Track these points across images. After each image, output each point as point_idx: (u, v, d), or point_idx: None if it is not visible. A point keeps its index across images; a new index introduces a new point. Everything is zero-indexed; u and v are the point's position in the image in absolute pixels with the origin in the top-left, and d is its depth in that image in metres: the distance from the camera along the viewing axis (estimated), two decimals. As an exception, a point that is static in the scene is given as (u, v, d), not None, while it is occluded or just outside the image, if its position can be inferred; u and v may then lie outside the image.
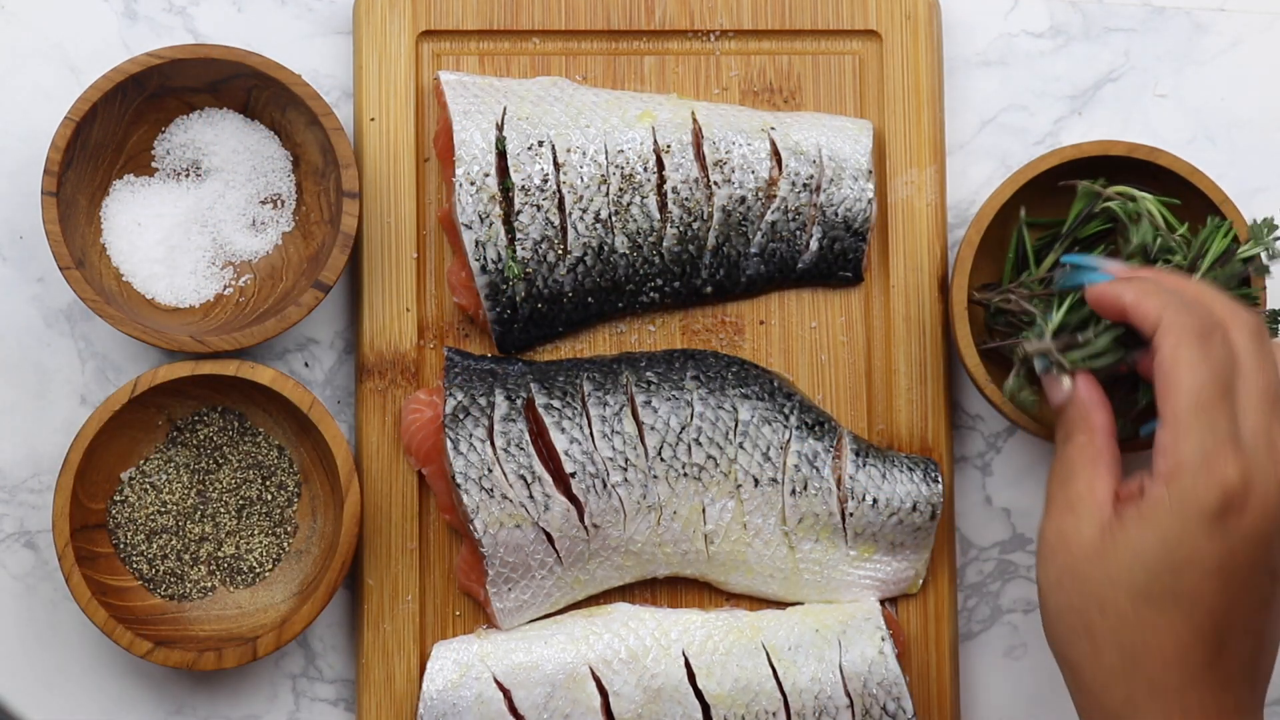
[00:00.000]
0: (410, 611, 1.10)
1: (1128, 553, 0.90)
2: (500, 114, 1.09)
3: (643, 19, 1.14)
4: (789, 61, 1.14)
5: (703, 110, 1.12)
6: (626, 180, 1.10)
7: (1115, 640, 0.91)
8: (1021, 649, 1.15)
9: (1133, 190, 1.06)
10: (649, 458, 1.08)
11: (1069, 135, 1.16)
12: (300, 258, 1.11)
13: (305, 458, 1.10)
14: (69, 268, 1.05)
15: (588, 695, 1.07)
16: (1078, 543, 0.92)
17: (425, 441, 1.09)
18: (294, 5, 1.15)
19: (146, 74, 1.07)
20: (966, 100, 1.16)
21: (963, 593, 1.15)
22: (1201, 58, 1.17)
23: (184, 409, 1.10)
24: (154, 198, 1.11)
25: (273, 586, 1.10)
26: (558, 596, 1.10)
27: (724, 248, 1.11)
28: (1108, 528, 0.91)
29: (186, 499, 1.10)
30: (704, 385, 1.09)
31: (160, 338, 1.06)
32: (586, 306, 1.11)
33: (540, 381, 1.09)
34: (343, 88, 1.15)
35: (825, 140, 1.11)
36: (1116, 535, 0.91)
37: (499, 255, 1.08)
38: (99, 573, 1.07)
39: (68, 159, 1.06)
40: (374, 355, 1.11)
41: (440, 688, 1.07)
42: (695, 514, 1.09)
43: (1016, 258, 1.10)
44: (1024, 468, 1.15)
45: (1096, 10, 1.17)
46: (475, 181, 1.08)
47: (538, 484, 1.06)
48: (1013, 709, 1.14)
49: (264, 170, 1.12)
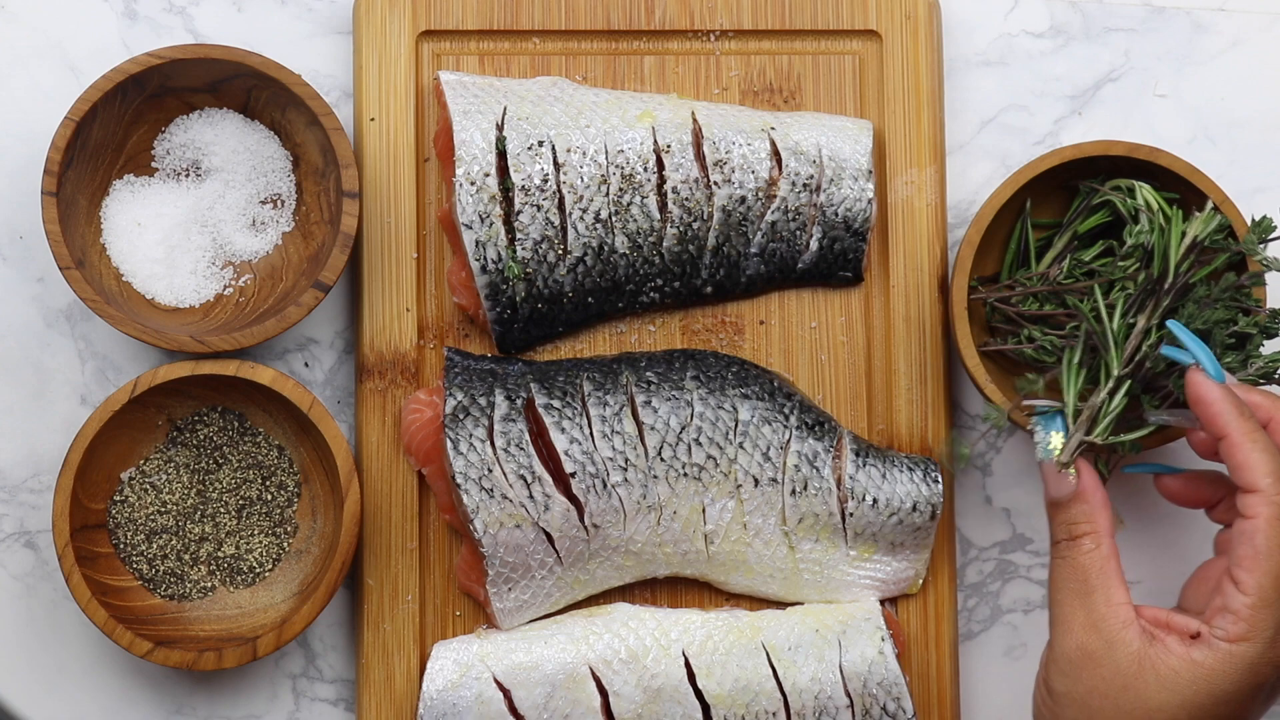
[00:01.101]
0: (410, 611, 1.10)
1: (1176, 697, 0.93)
2: (500, 114, 1.09)
3: (643, 19, 1.14)
4: (789, 61, 1.14)
5: (703, 110, 1.12)
6: (626, 180, 1.10)
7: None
8: (1021, 649, 1.15)
9: (1130, 182, 1.06)
10: (649, 458, 1.08)
11: (1069, 135, 1.16)
12: (300, 258, 1.11)
13: (305, 458, 1.10)
14: (69, 268, 1.05)
15: (588, 695, 1.07)
16: (1111, 668, 0.94)
17: (425, 441, 1.09)
18: (294, 5, 1.15)
19: (146, 74, 1.07)
20: (966, 100, 1.16)
21: (963, 593, 1.15)
22: (1201, 58, 1.17)
23: (184, 409, 1.10)
24: (154, 198, 1.11)
25: (273, 586, 1.10)
26: (558, 596, 1.10)
27: (724, 248, 1.11)
28: (1146, 661, 0.94)
29: (186, 499, 1.10)
30: (704, 385, 1.09)
31: (160, 338, 1.06)
32: (586, 306, 1.11)
33: (540, 381, 1.09)
34: (343, 88, 1.15)
35: (825, 140, 1.11)
36: (1161, 672, 0.93)
37: (499, 255, 1.08)
38: (99, 573, 1.07)
39: (68, 159, 1.06)
40: (374, 355, 1.11)
41: (440, 688, 1.07)
42: (695, 514, 1.09)
43: (1019, 249, 1.10)
44: (1024, 468, 1.15)
45: (1096, 10, 1.17)
46: (475, 181, 1.08)
47: (538, 484, 1.06)
48: (1013, 709, 1.14)
49: (264, 170, 1.12)
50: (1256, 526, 0.93)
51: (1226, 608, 0.93)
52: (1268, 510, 0.93)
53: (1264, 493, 0.93)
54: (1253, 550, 0.93)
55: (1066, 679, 0.95)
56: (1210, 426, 0.95)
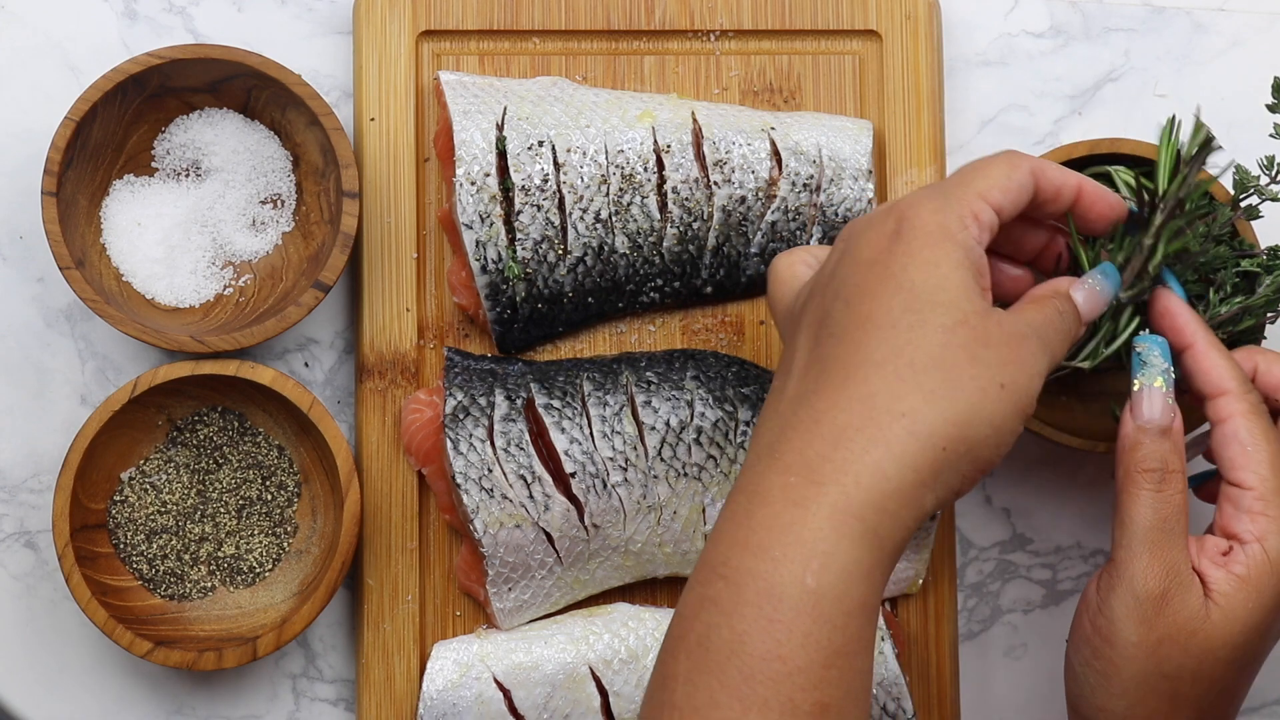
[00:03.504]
0: (410, 611, 1.10)
1: (1236, 624, 0.91)
2: (500, 114, 1.09)
3: (643, 19, 1.14)
4: (789, 61, 1.14)
5: (703, 110, 1.12)
6: (626, 180, 1.10)
7: (1198, 705, 0.92)
8: (1021, 649, 1.15)
9: (1105, 168, 1.06)
10: (649, 458, 1.08)
11: (1069, 135, 1.16)
12: (300, 258, 1.11)
13: (305, 458, 1.11)
14: (69, 268, 1.05)
15: (588, 695, 1.07)
16: (1185, 612, 0.91)
17: (425, 441, 1.09)
18: (294, 5, 1.15)
19: (146, 74, 1.07)
20: (966, 100, 1.16)
21: (963, 593, 1.15)
22: (1201, 58, 1.17)
23: (184, 409, 1.10)
24: (154, 198, 1.11)
25: (273, 586, 1.10)
26: (558, 596, 1.10)
27: (724, 248, 1.11)
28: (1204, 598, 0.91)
29: (186, 499, 1.10)
30: (704, 385, 1.09)
31: (160, 338, 1.06)
32: (586, 306, 1.11)
33: (540, 381, 1.09)
34: (343, 88, 1.15)
35: (825, 140, 1.12)
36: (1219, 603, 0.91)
37: (499, 255, 1.08)
38: (99, 573, 1.07)
39: (68, 159, 1.06)
40: (374, 355, 1.11)
41: (440, 688, 1.07)
42: (695, 514, 1.09)
43: None
44: (1024, 468, 1.15)
45: (1096, 10, 1.17)
46: (475, 181, 1.08)
47: (538, 484, 1.06)
48: (1013, 709, 1.14)
49: (264, 170, 1.12)
50: (1236, 425, 0.93)
51: (1240, 512, 0.92)
52: (1241, 405, 0.93)
53: (1233, 393, 0.93)
54: (1240, 447, 0.92)
55: (1143, 627, 0.91)
56: (1176, 338, 0.95)
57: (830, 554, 0.81)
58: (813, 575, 0.81)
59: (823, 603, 0.81)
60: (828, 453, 0.83)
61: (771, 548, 0.82)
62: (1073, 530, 1.15)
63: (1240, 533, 0.92)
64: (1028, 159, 0.92)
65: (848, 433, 0.83)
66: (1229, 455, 0.93)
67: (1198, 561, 0.92)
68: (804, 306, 0.91)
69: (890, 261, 0.87)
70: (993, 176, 0.90)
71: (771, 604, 0.81)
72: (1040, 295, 0.92)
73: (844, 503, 0.82)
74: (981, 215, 0.89)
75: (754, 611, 0.81)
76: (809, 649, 0.81)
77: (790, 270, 0.95)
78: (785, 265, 0.96)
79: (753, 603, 0.81)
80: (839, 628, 0.81)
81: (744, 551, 0.83)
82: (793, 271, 0.95)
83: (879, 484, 0.82)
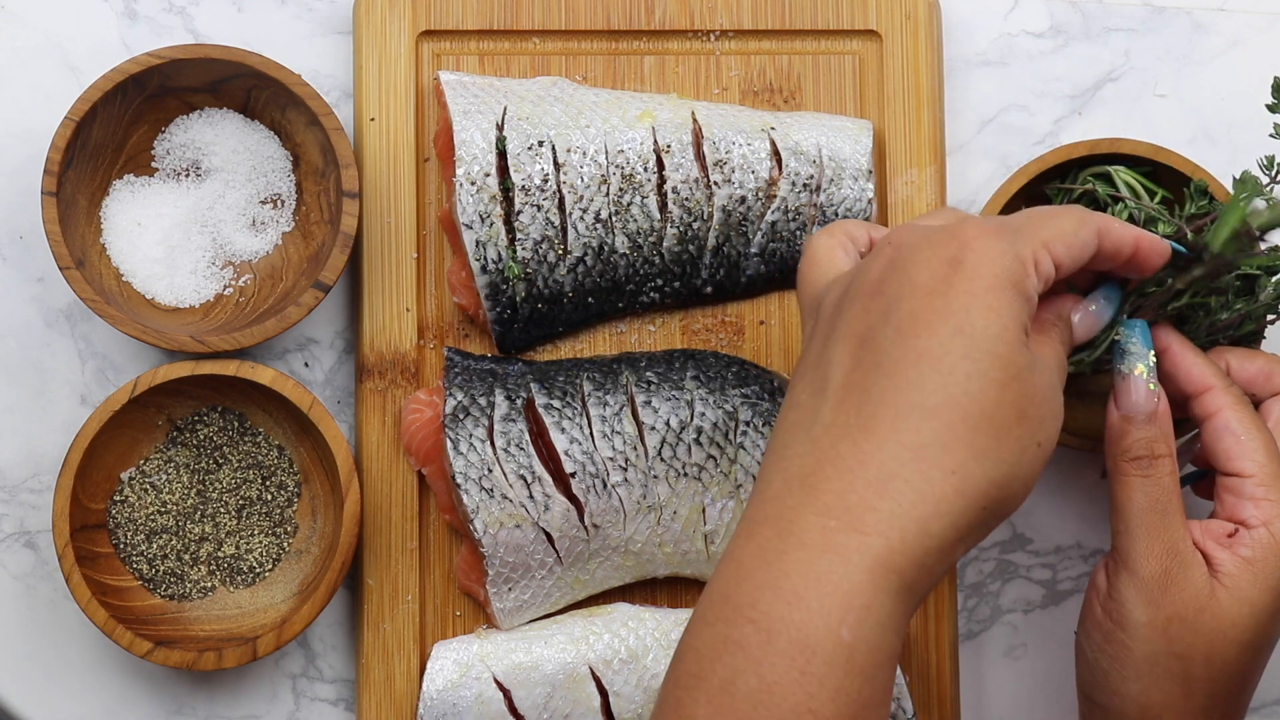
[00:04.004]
0: (410, 611, 1.10)
1: (1244, 605, 0.91)
2: (500, 114, 1.09)
3: (643, 19, 1.14)
4: (789, 61, 1.14)
5: (703, 110, 1.12)
6: (626, 180, 1.10)
7: (1210, 688, 0.92)
8: (1021, 649, 1.15)
9: (1106, 169, 1.06)
10: (649, 458, 1.08)
11: (1069, 135, 1.16)
12: (300, 258, 1.11)
13: (305, 458, 1.11)
14: (69, 268, 1.05)
15: (588, 695, 1.07)
16: (1190, 590, 0.91)
17: (425, 441, 1.09)
18: (294, 5, 1.15)
19: (146, 74, 1.07)
20: (966, 100, 1.16)
21: (962, 593, 1.15)
22: (1201, 58, 1.17)
23: (184, 409, 1.10)
24: (154, 198, 1.11)
25: (273, 586, 1.10)
26: (558, 596, 1.10)
27: (724, 248, 1.11)
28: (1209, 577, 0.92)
29: (186, 499, 1.10)
30: (704, 385, 1.09)
31: (160, 338, 1.06)
32: (586, 306, 1.11)
33: (540, 381, 1.09)
34: (343, 88, 1.15)
35: (825, 140, 1.12)
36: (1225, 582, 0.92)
37: (499, 255, 1.08)
38: (99, 573, 1.07)
39: (68, 159, 1.06)
40: (374, 355, 1.11)
41: (440, 688, 1.07)
42: (695, 514, 1.09)
43: None
44: (1024, 468, 1.15)
45: (1096, 10, 1.17)
46: (475, 181, 1.08)
47: (538, 484, 1.06)
48: (1013, 709, 1.14)
49: (264, 170, 1.12)
50: (1226, 417, 0.94)
51: (1242, 499, 0.93)
52: (1227, 398, 0.94)
53: (1217, 387, 0.94)
54: (1234, 437, 0.93)
55: (1150, 608, 0.92)
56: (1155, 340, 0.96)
57: (868, 608, 0.80)
58: (849, 629, 0.79)
59: (856, 656, 0.79)
60: (873, 501, 0.81)
61: (808, 598, 0.80)
62: (1073, 530, 1.15)
63: (1246, 518, 0.92)
64: (1096, 217, 0.90)
65: (895, 483, 0.81)
66: (1223, 447, 0.94)
67: (1202, 542, 0.93)
68: (839, 306, 0.88)
69: (951, 297, 0.83)
70: (1061, 229, 0.88)
71: (805, 656, 0.79)
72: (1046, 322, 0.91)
73: (886, 556, 0.80)
74: (1043, 265, 0.86)
75: (785, 662, 0.79)
76: (839, 702, 0.79)
77: (829, 255, 0.92)
78: (825, 249, 0.93)
79: (784, 652, 0.79)
80: (869, 680, 0.80)
81: (775, 597, 0.80)
82: (831, 257, 0.92)
83: (922, 540, 0.81)
